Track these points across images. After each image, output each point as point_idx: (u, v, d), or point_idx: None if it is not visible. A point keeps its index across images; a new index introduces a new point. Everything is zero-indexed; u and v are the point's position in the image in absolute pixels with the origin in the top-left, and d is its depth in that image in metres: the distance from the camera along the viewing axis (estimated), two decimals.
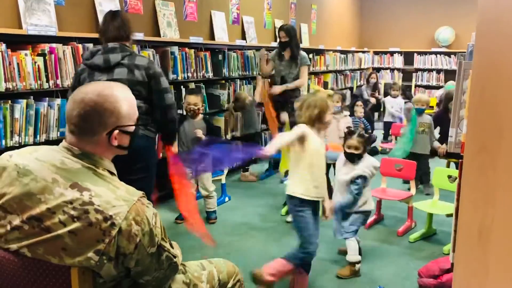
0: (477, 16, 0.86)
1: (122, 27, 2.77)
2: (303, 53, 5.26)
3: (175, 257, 1.47)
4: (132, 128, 1.47)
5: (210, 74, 5.01)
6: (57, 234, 1.28)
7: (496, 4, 0.84)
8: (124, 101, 1.43)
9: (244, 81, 5.67)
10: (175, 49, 4.45)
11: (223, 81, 5.28)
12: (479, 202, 0.89)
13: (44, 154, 1.40)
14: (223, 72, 5.17)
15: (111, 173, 1.42)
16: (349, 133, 3.16)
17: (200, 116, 3.97)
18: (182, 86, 4.60)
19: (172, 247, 1.48)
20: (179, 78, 4.50)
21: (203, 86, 4.93)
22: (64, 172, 1.34)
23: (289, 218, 3.99)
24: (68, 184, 1.32)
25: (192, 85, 4.74)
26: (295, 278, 2.78)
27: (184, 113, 4.09)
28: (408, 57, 10.12)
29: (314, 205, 2.71)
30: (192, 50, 4.70)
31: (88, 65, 2.72)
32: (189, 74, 4.65)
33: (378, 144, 6.78)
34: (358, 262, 3.06)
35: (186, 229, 3.77)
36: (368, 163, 3.13)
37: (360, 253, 3.10)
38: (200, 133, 3.86)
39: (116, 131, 1.42)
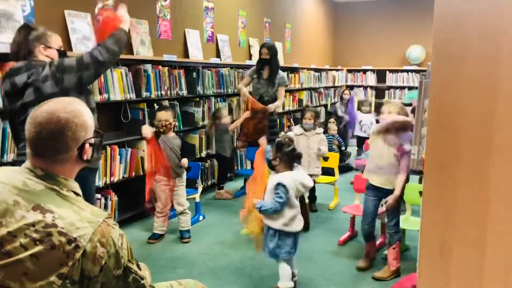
0: (432, 37, 0.89)
1: (20, 43, 2.52)
2: (282, 73, 5.32)
3: (142, 279, 1.44)
4: (96, 139, 1.47)
5: (185, 92, 5.00)
6: (18, 259, 1.24)
7: (448, 26, 0.87)
8: (87, 113, 1.44)
9: (218, 99, 5.68)
10: (149, 67, 4.44)
11: (198, 99, 5.28)
12: (440, 220, 0.90)
13: (5, 175, 1.36)
14: (197, 89, 5.17)
15: (76, 194, 1.39)
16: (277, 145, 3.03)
17: (172, 133, 3.94)
18: (155, 104, 4.57)
19: (140, 269, 1.45)
20: (153, 96, 4.48)
21: (177, 103, 4.92)
22: (26, 194, 1.30)
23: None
24: (30, 206, 1.28)
25: (166, 103, 4.71)
26: None
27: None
28: (381, 75, 10.32)
29: None
30: (166, 68, 4.69)
31: (4, 91, 2.53)
32: (163, 92, 4.63)
33: (352, 161, 6.85)
34: None
35: (158, 249, 3.72)
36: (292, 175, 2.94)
37: (293, 278, 2.99)
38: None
39: (87, 145, 1.42)
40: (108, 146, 3.90)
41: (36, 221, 1.26)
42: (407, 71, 10.01)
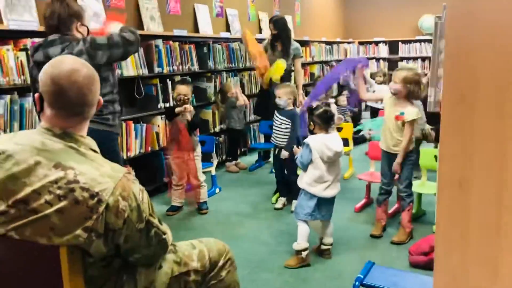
0: None
1: (63, 17, 2.57)
2: (296, 44, 5.27)
3: (164, 233, 1.48)
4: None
5: (196, 67, 5.00)
6: (44, 214, 1.27)
7: None
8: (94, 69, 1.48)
9: (230, 73, 5.67)
10: (159, 42, 4.44)
11: (209, 74, 5.28)
12: (458, 152, 0.91)
13: (23, 137, 1.39)
14: (208, 65, 5.16)
15: (94, 151, 1.42)
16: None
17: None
18: (168, 79, 4.58)
19: (161, 224, 1.49)
20: (165, 71, 4.49)
21: (189, 79, 4.93)
22: (46, 153, 1.33)
23: (279, 205, 4.01)
24: (51, 165, 1.31)
25: (178, 78, 4.72)
26: None
27: (172, 104, 4.09)
28: (393, 46, 10.18)
29: None
30: (177, 43, 4.69)
31: (34, 62, 2.59)
32: (175, 68, 4.63)
33: (366, 131, 6.82)
34: (305, 250, 2.93)
35: (177, 220, 3.78)
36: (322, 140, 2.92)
37: (321, 246, 3.06)
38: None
39: (101, 99, 1.49)
40: (123, 122, 3.93)
41: (58, 178, 1.29)
42: (420, 41, 9.84)
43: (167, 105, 4.47)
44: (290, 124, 3.86)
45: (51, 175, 1.29)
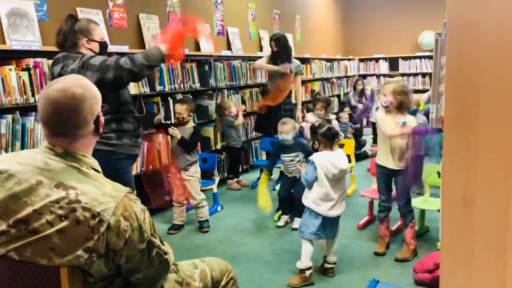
0: None
1: (66, 34, 2.59)
2: (297, 61, 5.31)
3: (166, 254, 1.46)
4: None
5: (197, 85, 5.03)
6: (45, 235, 1.26)
7: None
8: (95, 87, 1.46)
9: (231, 91, 5.70)
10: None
11: (211, 92, 5.30)
12: (461, 168, 0.90)
13: (26, 157, 1.39)
14: (210, 82, 5.19)
15: (96, 171, 1.42)
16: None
17: (190, 125, 3.96)
18: (169, 98, 4.60)
19: (163, 244, 1.47)
20: (166, 89, 4.51)
21: (191, 97, 4.94)
22: (48, 173, 1.33)
23: (281, 223, 3.98)
24: (53, 184, 1.30)
25: (179, 96, 4.74)
26: None
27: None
28: (393, 63, 10.23)
29: None
30: (178, 62, 4.72)
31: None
32: (176, 86, 4.66)
33: (368, 148, 6.82)
34: (309, 269, 2.91)
35: (179, 239, 3.75)
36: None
37: (324, 264, 3.05)
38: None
39: (101, 117, 1.46)
40: None
41: (60, 197, 1.28)
42: (420, 57, 9.89)
43: (168, 122, 4.49)
44: (303, 153, 3.93)
45: (52, 195, 1.29)
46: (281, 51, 5.13)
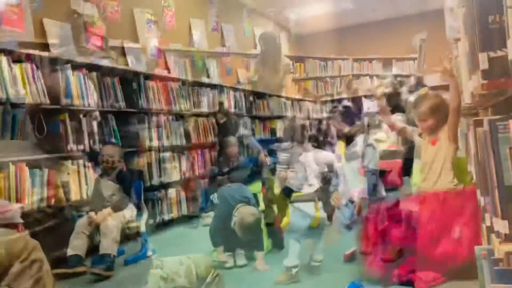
0: None
1: None
2: (286, 60, 5.30)
3: None
4: None
5: (122, 104, 4.16)
6: None
7: None
8: None
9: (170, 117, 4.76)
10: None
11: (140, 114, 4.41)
12: None
13: None
14: (139, 103, 4.34)
15: None
16: None
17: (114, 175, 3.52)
18: (81, 115, 3.71)
19: None
20: (76, 103, 3.62)
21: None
22: None
23: (228, 264, 3.18)
24: None
25: (97, 114, 3.86)
26: None
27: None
28: (387, 64, 10.26)
29: None
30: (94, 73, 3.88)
31: None
32: (90, 101, 3.78)
33: None
34: (295, 267, 2.91)
35: None
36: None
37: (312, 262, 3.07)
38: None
39: None
40: (12, 164, 3.09)
41: None
42: (414, 59, 9.94)
43: (81, 147, 3.64)
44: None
45: None
46: (269, 49, 5.09)
